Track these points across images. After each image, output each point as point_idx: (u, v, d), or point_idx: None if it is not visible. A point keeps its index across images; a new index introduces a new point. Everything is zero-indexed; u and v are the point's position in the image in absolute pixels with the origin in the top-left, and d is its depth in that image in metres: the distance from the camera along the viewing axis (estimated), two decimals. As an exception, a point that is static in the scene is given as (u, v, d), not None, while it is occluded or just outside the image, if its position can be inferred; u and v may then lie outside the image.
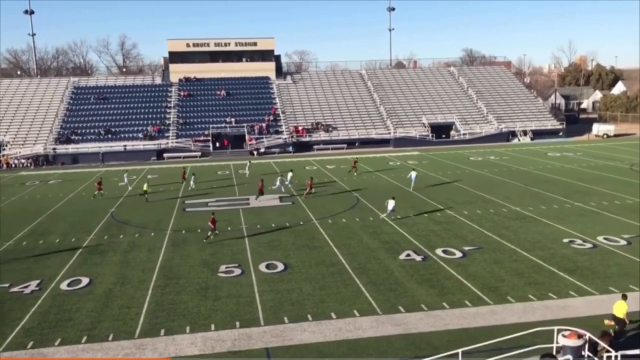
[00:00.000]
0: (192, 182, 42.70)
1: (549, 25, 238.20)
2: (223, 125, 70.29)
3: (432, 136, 70.77)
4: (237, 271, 22.66)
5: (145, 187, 39.22)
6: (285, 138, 68.89)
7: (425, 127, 72.51)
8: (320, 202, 36.07)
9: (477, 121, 74.71)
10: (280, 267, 23.05)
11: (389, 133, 71.11)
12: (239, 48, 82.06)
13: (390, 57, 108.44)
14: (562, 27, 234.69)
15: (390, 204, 30.48)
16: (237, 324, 17.60)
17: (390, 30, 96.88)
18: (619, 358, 11.21)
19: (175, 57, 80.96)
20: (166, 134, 68.68)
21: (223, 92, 77.97)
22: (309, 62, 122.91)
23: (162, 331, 17.18)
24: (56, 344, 16.55)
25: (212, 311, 18.64)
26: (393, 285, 20.65)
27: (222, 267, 23.14)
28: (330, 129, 71.64)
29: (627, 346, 13.74)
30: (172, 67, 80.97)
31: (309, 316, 18.01)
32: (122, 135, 67.98)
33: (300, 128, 70.79)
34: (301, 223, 30.57)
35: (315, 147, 68.93)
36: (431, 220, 30.39)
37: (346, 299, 19.43)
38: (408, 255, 24.16)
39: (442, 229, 28.45)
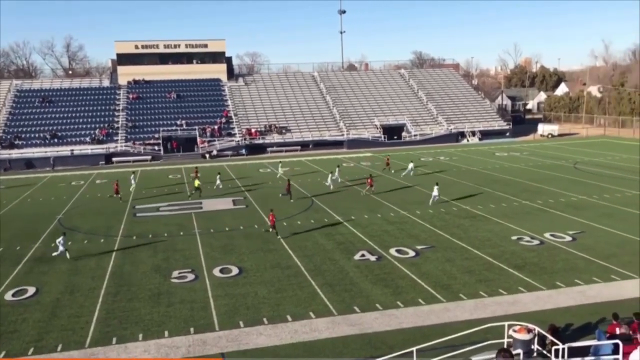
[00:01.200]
0: (218, 181, 42.40)
1: (495, 28, 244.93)
2: (174, 128, 69.16)
3: (385, 137, 71.62)
4: (191, 276, 22.32)
5: (196, 183, 39.76)
6: (238, 140, 68.36)
7: (377, 128, 73.30)
8: (274, 204, 35.84)
9: (428, 122, 76.05)
10: (235, 271, 22.84)
11: (342, 135, 71.55)
12: (189, 50, 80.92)
13: (342, 59, 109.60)
14: (507, 30, 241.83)
15: (435, 190, 34.17)
16: (192, 329, 17.34)
17: (341, 32, 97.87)
18: (565, 350, 11.59)
19: (124, 59, 79.15)
20: (115, 138, 67.03)
21: (173, 94, 76.75)
22: (261, 64, 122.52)
23: (114, 340, 16.75)
24: (0, 357, 15.91)
25: (165, 317, 18.30)
26: (348, 285, 20.77)
27: (175, 273, 22.75)
28: (283, 131, 71.53)
29: (573, 339, 14.25)
30: (121, 69, 79.15)
31: (264, 320, 17.91)
32: (69, 140, 65.93)
33: (253, 130, 70.39)
34: (256, 226, 30.39)
35: (269, 149, 68.67)
36: (385, 220, 30.74)
37: (302, 301, 19.43)
38: (363, 255, 24.36)
39: (396, 229, 28.81)
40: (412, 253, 24.51)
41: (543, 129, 78.78)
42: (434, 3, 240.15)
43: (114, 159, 63.67)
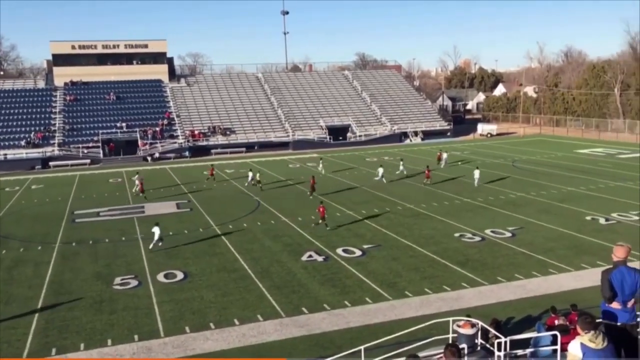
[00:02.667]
0: (250, 178, 42.84)
1: (435, 30, 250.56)
2: (114, 130, 67.25)
3: (330, 138, 72.02)
4: (134, 282, 21.74)
5: (257, 176, 41.65)
6: (181, 143, 67.12)
7: (322, 129, 73.62)
8: (220, 207, 35.49)
9: (372, 123, 76.97)
10: (180, 275, 22.40)
11: (288, 136, 71.47)
12: (128, 50, 78.85)
13: (286, 60, 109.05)
14: (447, 32, 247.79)
15: (476, 173, 38.87)
16: (136, 337, 16.88)
17: (284, 33, 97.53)
18: (507, 343, 11.92)
19: (60, 59, 76.30)
20: (51, 141, 64.53)
21: (113, 96, 74.62)
22: (204, 64, 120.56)
23: (54, 350, 16.11)
24: None
25: (108, 326, 17.74)
26: (296, 287, 20.74)
27: (117, 280, 22.10)
28: (228, 132, 70.76)
29: (514, 331, 14.69)
30: (57, 70, 76.27)
31: (211, 324, 17.64)
32: (2, 144, 63.01)
33: (196, 132, 69.30)
34: (201, 230, 29.92)
35: (213, 151, 67.78)
36: (331, 220, 30.85)
37: (249, 304, 19.25)
38: (310, 256, 24.38)
39: (342, 229, 28.99)
40: (358, 252, 24.72)
41: (482, 128, 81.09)
42: (375, 4, 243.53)
43: (51, 164, 61.26)
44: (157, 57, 79.76)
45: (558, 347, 11.30)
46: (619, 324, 7.82)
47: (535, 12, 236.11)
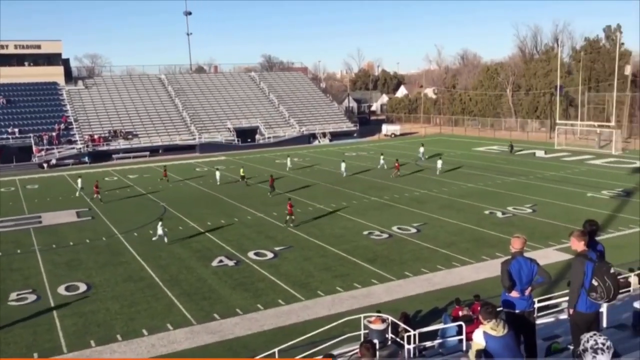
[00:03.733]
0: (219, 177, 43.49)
1: (339, 32, 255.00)
2: (5, 136, 62.78)
3: (238, 140, 71.27)
4: (32, 297, 20.41)
5: (241, 171, 44.16)
6: (80, 148, 63.81)
7: (230, 131, 72.76)
8: (124, 214, 34.08)
9: (280, 125, 77.07)
10: (83, 287, 21.29)
11: (194, 139, 69.94)
12: (19, 51, 73.75)
13: (190, 61, 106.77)
14: (351, 35, 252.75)
15: (439, 163, 44.37)
16: (35, 354, 15.87)
17: (188, 34, 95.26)
18: (416, 336, 12.34)
19: (-60, 60, 70.27)
20: None
21: (2, 99, 69.61)
22: (102, 66, 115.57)
23: (-60, 378, 14.79)
24: None
25: (3, 345, 16.52)
26: (207, 293, 20.34)
27: (13, 295, 20.64)
28: (130, 136, 68.14)
29: (423, 324, 15.23)
30: (-64, 71, 70.13)
31: (118, 336, 16.91)
32: None
33: (96, 136, 66.17)
34: (103, 239, 28.59)
35: (115, 156, 64.99)
36: (242, 224, 30.58)
37: (158, 313, 18.64)
38: (221, 261, 23.99)
39: (253, 232, 28.79)
40: (270, 255, 24.65)
41: (387, 129, 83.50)
42: (280, 4, 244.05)
43: None
44: (52, 59, 75.35)
45: (463, 336, 11.86)
46: (517, 311, 8.29)
47: (433, 17, 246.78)
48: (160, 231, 27.07)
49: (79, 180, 40.90)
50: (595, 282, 7.78)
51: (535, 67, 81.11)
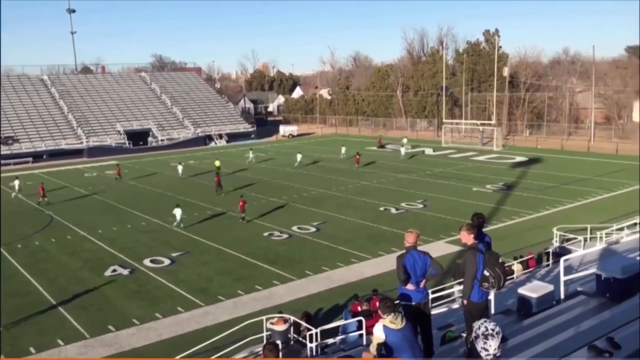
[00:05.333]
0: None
1: (233, 34, 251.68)
2: None
3: (130, 143, 68.44)
4: None
5: (217, 163, 46.01)
6: (-48, 155, 58.46)
7: (121, 134, 69.73)
8: (4, 225, 31.57)
9: (174, 126, 74.99)
10: (-42, 307, 19.49)
11: (81, 143, 66.29)
12: None
13: (75, 61, 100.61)
14: (245, 35, 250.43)
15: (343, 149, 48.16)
16: None
17: (72, 33, 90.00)
18: (318, 333, 12.50)
19: None
20: None
21: None
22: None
23: None
24: None
25: None
26: (100, 304, 19.37)
27: None
28: (10, 141, 63.26)
29: (325, 321, 15.44)
30: None
31: (2, 357, 15.66)
32: None
33: (-30, 142, 60.90)
34: (-18, 252, 26.36)
35: (-7, 163, 60.11)
36: (135, 230, 29.42)
37: (47, 329, 17.48)
38: (114, 270, 22.91)
39: (149, 238, 27.79)
40: (167, 261, 23.90)
41: (284, 130, 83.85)
42: (170, 4, 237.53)
43: None
44: None
45: (364, 331, 12.17)
46: (414, 303, 8.63)
47: (326, 18, 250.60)
48: (178, 217, 28.75)
49: None
50: (486, 273, 8.30)
51: (423, 69, 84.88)
